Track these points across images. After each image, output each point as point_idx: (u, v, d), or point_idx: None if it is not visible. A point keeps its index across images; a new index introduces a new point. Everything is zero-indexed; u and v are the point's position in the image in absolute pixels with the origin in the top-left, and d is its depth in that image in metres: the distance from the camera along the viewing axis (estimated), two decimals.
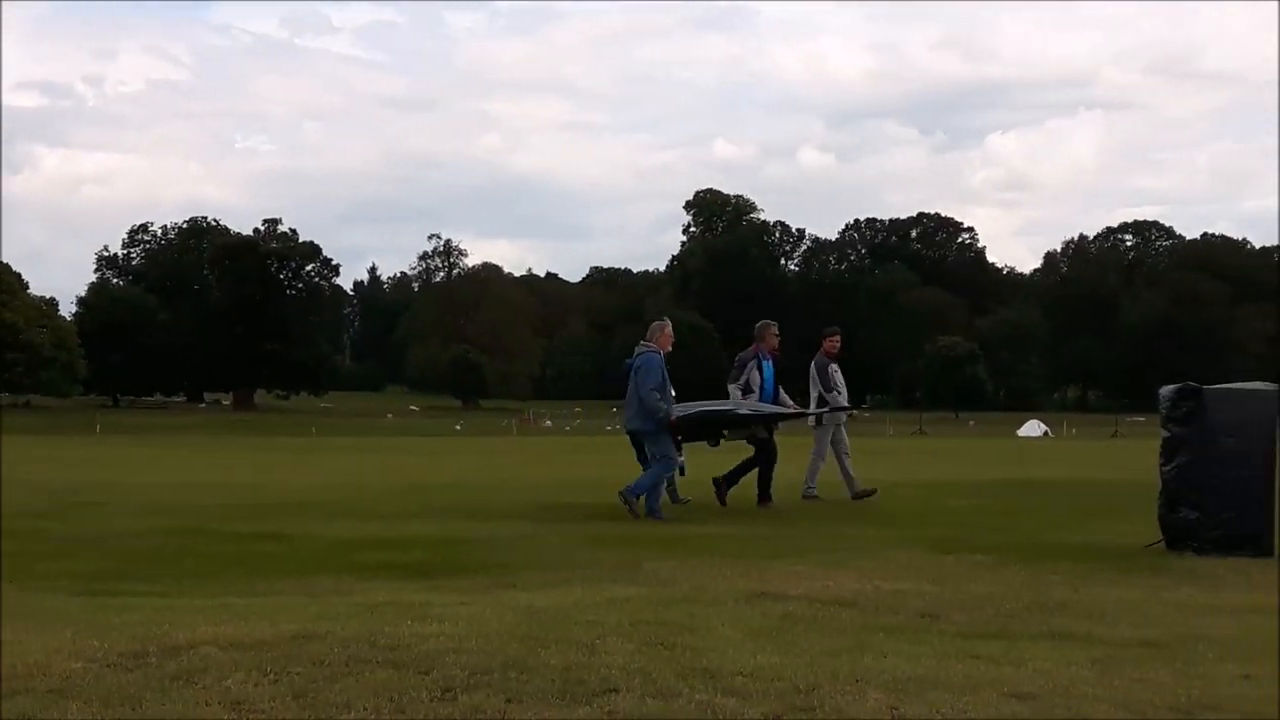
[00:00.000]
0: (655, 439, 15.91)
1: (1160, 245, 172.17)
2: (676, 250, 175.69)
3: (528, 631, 7.77)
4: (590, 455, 38.39)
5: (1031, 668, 6.91)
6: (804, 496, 18.00)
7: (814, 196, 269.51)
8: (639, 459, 16.66)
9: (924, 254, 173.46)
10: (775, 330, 17.81)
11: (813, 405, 18.39)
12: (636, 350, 16.18)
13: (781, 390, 17.51)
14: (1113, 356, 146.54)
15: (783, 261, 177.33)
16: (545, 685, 6.38)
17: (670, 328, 16.60)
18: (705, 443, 17.32)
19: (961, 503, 18.43)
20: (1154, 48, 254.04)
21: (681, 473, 17.14)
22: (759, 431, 17.00)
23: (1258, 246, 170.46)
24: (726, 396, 17.20)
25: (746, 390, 17.12)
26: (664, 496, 16.23)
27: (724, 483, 17.04)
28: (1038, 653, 7.31)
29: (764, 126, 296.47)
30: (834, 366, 18.63)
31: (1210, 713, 5.98)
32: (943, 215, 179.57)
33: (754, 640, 7.58)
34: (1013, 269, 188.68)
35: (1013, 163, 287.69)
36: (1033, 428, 79.25)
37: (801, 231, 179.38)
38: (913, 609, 8.87)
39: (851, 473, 18.44)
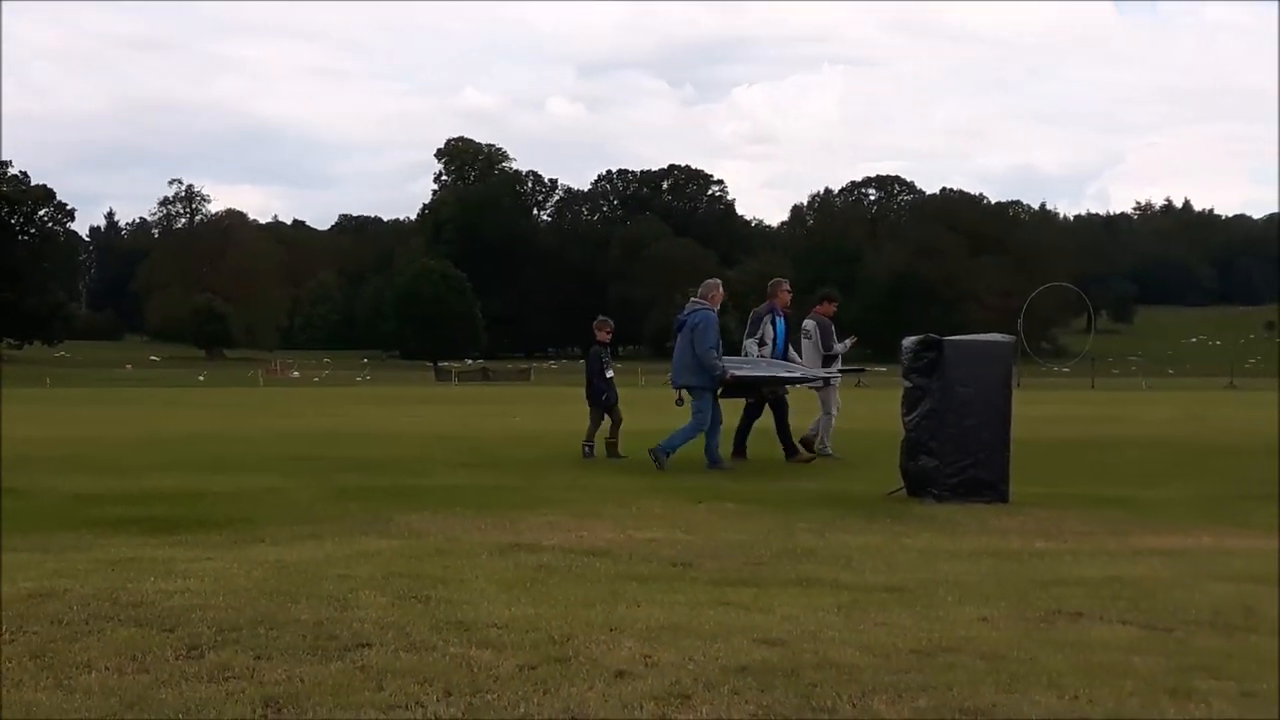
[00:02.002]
0: (701, 395, 15.79)
1: (902, 199, 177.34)
2: (428, 199, 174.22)
3: (276, 586, 7.63)
4: (339, 406, 37.86)
5: (780, 614, 7.04)
6: (821, 455, 17.76)
7: (566, 147, 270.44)
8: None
9: (675, 205, 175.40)
10: (788, 287, 17.86)
11: (817, 365, 18.07)
12: (689, 307, 16.07)
13: (790, 347, 17.63)
14: (856, 307, 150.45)
15: (535, 211, 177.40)
16: (295, 641, 6.26)
17: (721, 286, 16.54)
18: (745, 398, 17.24)
19: (700, 452, 18.67)
20: (894, 5, 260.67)
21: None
22: (780, 390, 17.15)
23: (993, 201, 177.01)
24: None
25: (760, 345, 17.11)
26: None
27: (737, 442, 17.10)
28: (786, 599, 7.45)
29: (514, 76, 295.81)
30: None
31: (950, 654, 6.17)
32: (693, 167, 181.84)
33: (508, 592, 7.57)
34: (761, 221, 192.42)
35: (759, 116, 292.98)
36: None
37: (554, 182, 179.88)
38: (665, 558, 8.96)
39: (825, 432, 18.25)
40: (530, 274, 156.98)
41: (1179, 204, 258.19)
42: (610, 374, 18.11)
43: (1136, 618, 7.05)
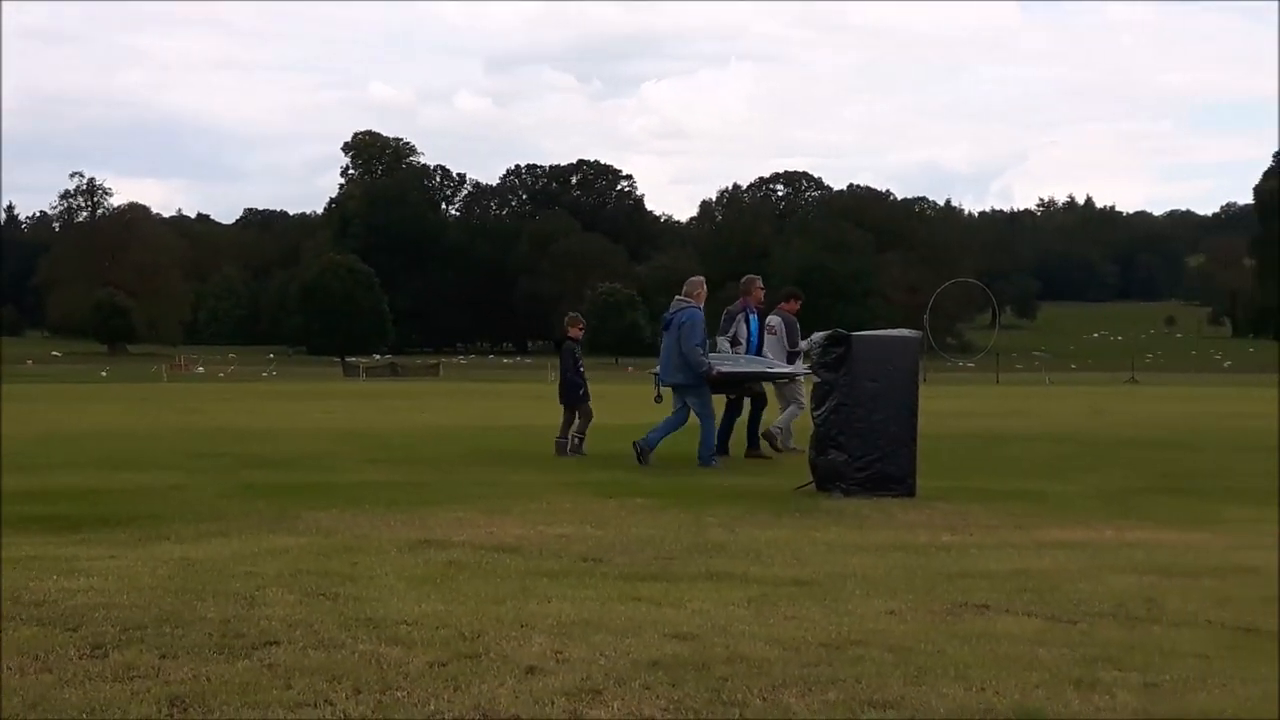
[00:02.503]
0: (697, 393, 15.78)
1: (810, 196, 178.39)
2: (335, 193, 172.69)
3: (182, 584, 7.54)
4: (245, 403, 37.46)
5: (691, 608, 7.06)
6: (784, 449, 17.67)
7: (474, 141, 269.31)
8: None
9: (584, 201, 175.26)
10: (760, 284, 17.92)
11: (782, 361, 18.04)
12: (674, 305, 16.05)
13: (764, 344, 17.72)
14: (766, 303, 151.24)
15: (444, 206, 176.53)
16: (201, 639, 6.19)
17: (705, 283, 16.54)
18: (727, 394, 17.21)
19: (622, 447, 18.69)
20: (802, 3, 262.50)
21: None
22: (756, 386, 17.24)
23: (899, 198, 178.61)
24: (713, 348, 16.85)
25: (734, 342, 17.16)
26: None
27: (720, 439, 16.90)
28: (697, 593, 7.47)
29: (422, 69, 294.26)
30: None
31: (859, 647, 6.21)
32: (602, 163, 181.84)
33: (418, 588, 7.53)
34: (670, 216, 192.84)
35: (668, 112, 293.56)
36: None
37: (462, 176, 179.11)
38: (576, 553, 8.95)
39: (789, 427, 18.24)
40: (439, 269, 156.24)
41: (1081, 201, 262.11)
42: (582, 369, 18.12)
43: (1041, 610, 7.14)
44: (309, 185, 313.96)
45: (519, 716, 5.13)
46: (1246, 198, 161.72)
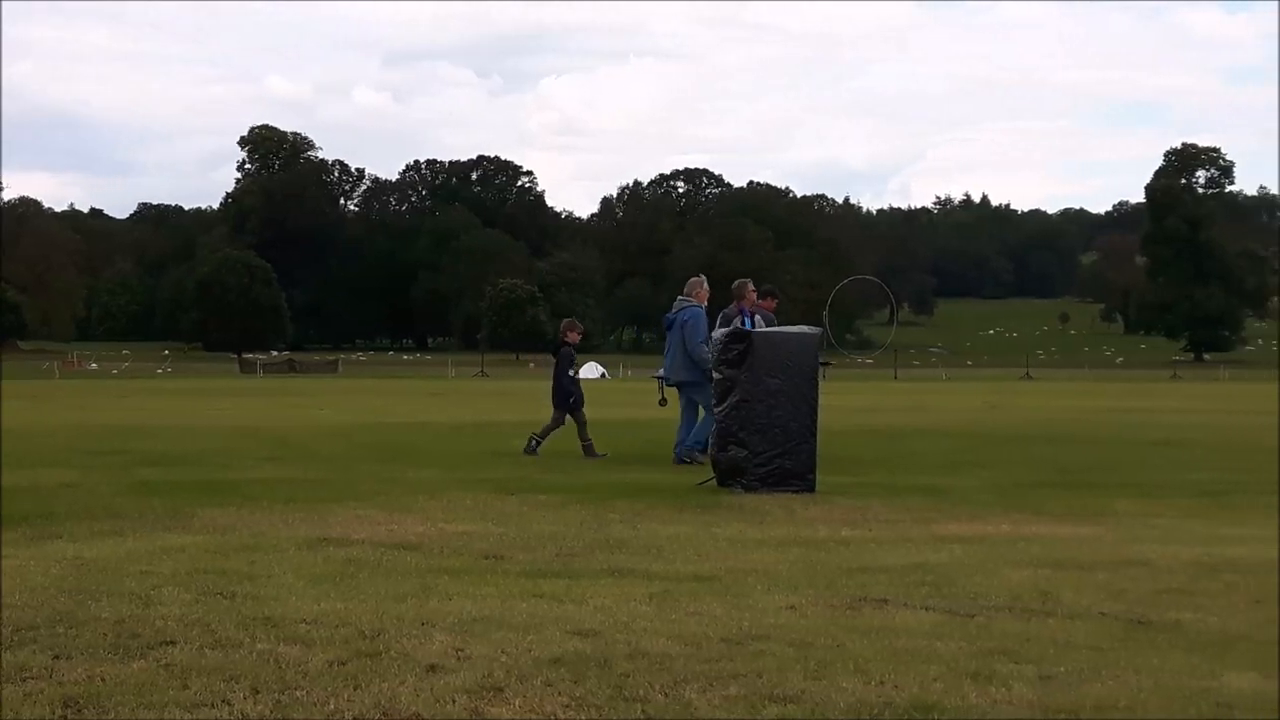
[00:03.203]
0: (701, 390, 15.71)
1: (710, 192, 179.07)
2: (231, 188, 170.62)
3: (76, 584, 7.42)
4: (139, 400, 36.95)
5: (593, 604, 7.06)
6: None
7: (373, 136, 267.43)
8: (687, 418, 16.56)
9: (485, 196, 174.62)
10: (753, 287, 17.92)
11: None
12: (677, 305, 16.35)
13: None
14: (665, 299, 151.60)
15: (342, 201, 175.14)
16: (96, 639, 6.10)
17: (706, 282, 16.87)
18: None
19: (517, 445, 18.65)
20: (702, 1, 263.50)
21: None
22: None
23: (799, 195, 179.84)
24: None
25: None
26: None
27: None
28: (599, 589, 7.48)
29: (319, 63, 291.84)
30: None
31: (760, 642, 6.24)
32: (502, 158, 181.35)
33: (317, 587, 7.47)
34: (571, 213, 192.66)
35: (568, 108, 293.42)
36: (591, 369, 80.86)
37: (361, 171, 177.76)
38: (477, 550, 8.92)
39: None
40: (337, 265, 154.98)
41: (977, 199, 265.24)
42: (575, 374, 18.08)
43: (939, 604, 7.22)
44: (204, 180, 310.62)
45: (420, 714, 5.10)
46: (1138, 196, 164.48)
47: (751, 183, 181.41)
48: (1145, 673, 5.77)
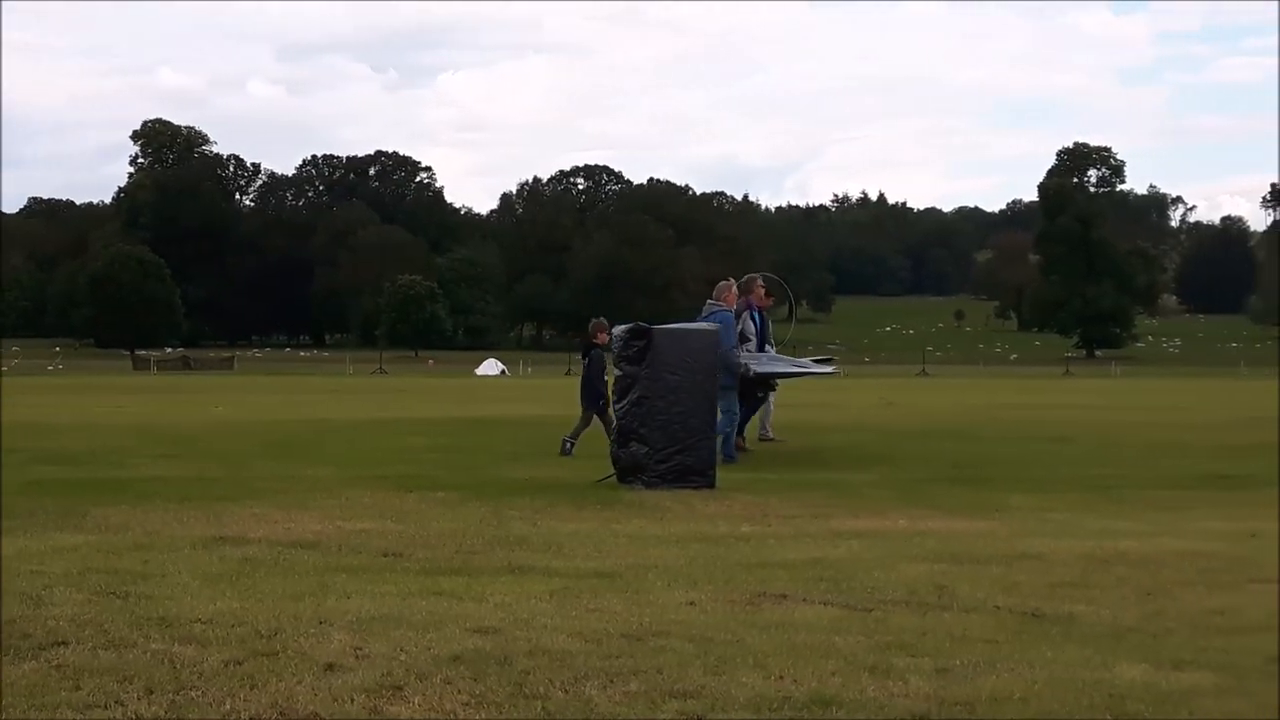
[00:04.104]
0: (724, 393, 15.49)
1: (610, 189, 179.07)
2: (123, 182, 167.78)
3: None
4: (30, 397, 36.24)
5: (493, 602, 7.04)
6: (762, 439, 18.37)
7: (269, 130, 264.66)
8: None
9: (383, 192, 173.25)
10: (761, 283, 18.17)
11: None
12: (707, 309, 16.25)
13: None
14: (565, 295, 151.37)
15: (238, 196, 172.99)
16: None
17: (735, 286, 16.87)
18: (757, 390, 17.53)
19: (423, 441, 18.58)
20: None
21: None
22: (774, 381, 17.78)
23: (699, 192, 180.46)
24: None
25: (742, 339, 17.17)
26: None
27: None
28: (499, 587, 7.46)
29: (212, 56, 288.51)
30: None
31: (660, 638, 6.27)
32: (401, 154, 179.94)
33: (212, 586, 7.39)
34: (470, 209, 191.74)
35: (466, 103, 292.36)
36: (490, 366, 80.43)
37: (257, 166, 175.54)
38: (375, 548, 8.87)
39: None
40: (233, 260, 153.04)
41: (875, 197, 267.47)
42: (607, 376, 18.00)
43: (837, 598, 7.29)
44: (96, 174, 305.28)
45: (318, 714, 5.06)
46: (1032, 195, 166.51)
47: (651, 179, 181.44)
48: (1039, 665, 5.86)
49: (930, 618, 6.84)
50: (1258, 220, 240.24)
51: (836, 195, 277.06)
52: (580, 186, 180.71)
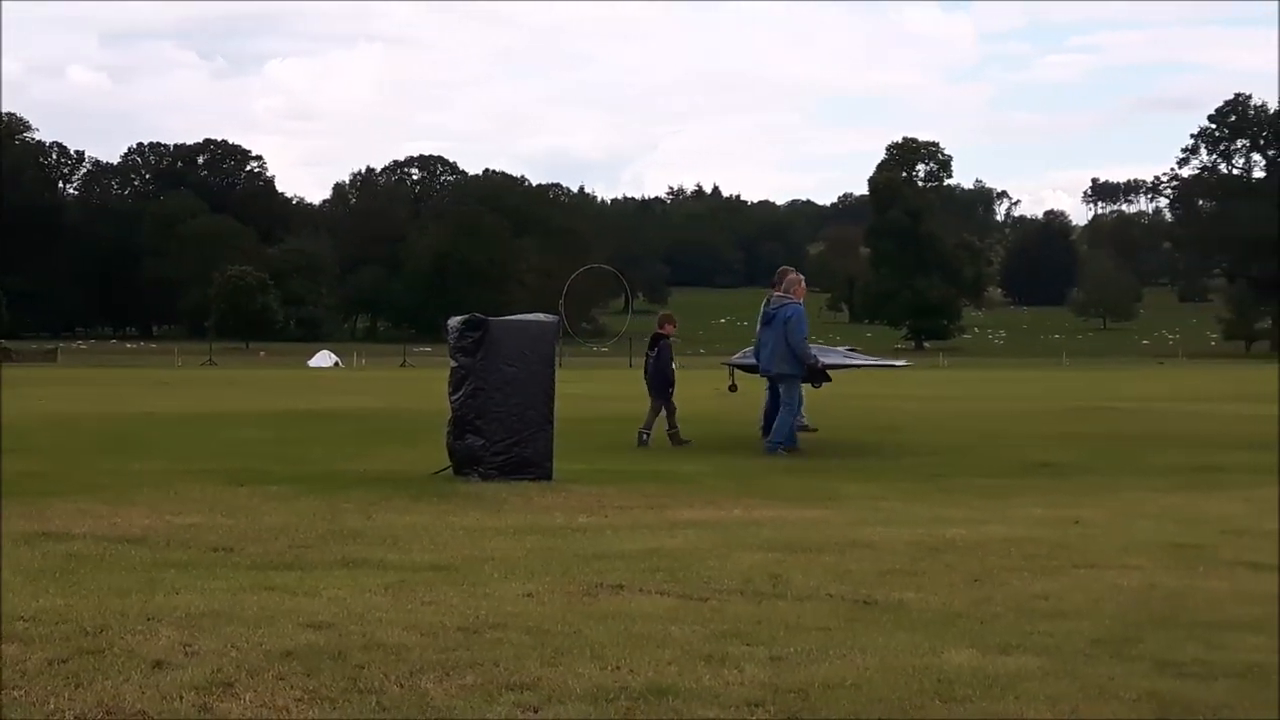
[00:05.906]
0: (791, 384, 16.41)
1: (445, 180, 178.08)
2: None
3: None
4: None
5: (327, 596, 6.96)
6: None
7: (92, 117, 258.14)
8: (772, 401, 16.92)
9: (211, 181, 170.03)
10: (794, 274, 17.98)
11: None
12: (775, 301, 16.63)
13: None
14: (399, 287, 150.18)
15: (61, 185, 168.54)
16: None
17: (803, 280, 17.36)
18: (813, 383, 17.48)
19: (255, 434, 18.30)
20: None
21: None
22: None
23: (534, 184, 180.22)
24: None
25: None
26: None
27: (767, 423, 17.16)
28: (333, 581, 7.37)
29: (30, 41, 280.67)
30: None
31: (497, 630, 6.25)
32: (230, 142, 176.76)
33: (35, 583, 7.20)
34: (302, 199, 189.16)
35: (295, 92, 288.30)
36: (324, 358, 79.52)
37: (81, 154, 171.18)
38: (205, 543, 8.71)
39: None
40: (57, 250, 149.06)
41: (709, 189, 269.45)
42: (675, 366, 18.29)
43: (674, 588, 7.33)
44: None
45: (146, 712, 4.95)
46: (862, 189, 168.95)
47: (487, 170, 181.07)
48: (871, 651, 5.96)
49: (765, 606, 6.91)
50: (1079, 214, 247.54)
51: (672, 188, 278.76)
52: (415, 177, 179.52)
